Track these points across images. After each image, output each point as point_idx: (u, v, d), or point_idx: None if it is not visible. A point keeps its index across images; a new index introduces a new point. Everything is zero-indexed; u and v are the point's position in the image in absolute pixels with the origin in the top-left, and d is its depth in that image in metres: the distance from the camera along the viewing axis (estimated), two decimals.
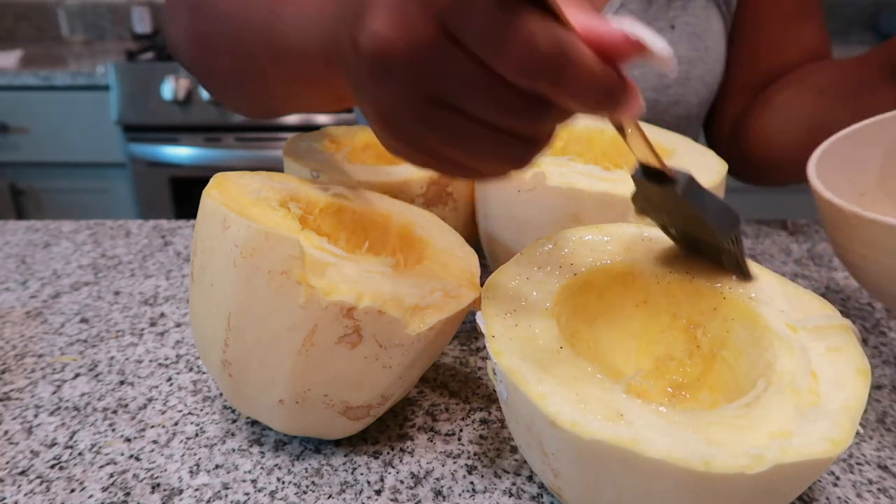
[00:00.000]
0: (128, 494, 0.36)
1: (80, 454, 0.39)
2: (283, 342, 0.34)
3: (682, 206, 0.35)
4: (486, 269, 0.57)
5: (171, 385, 0.45)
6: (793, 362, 0.32)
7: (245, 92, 0.48)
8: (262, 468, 0.38)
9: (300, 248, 0.33)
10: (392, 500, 0.36)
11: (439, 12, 0.26)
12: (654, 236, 0.41)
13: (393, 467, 0.38)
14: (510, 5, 0.25)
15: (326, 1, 0.35)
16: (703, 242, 0.38)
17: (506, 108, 0.27)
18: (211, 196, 0.36)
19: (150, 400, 0.44)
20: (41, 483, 0.37)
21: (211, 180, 0.38)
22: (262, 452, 0.39)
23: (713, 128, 0.80)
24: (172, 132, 1.83)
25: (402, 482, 0.37)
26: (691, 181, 0.34)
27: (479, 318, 0.35)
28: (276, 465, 0.38)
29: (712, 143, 0.81)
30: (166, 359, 0.48)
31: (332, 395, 0.36)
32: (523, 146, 0.29)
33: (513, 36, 0.25)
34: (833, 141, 0.46)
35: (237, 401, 0.38)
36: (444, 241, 0.43)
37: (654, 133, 0.57)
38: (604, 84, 0.27)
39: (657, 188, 0.35)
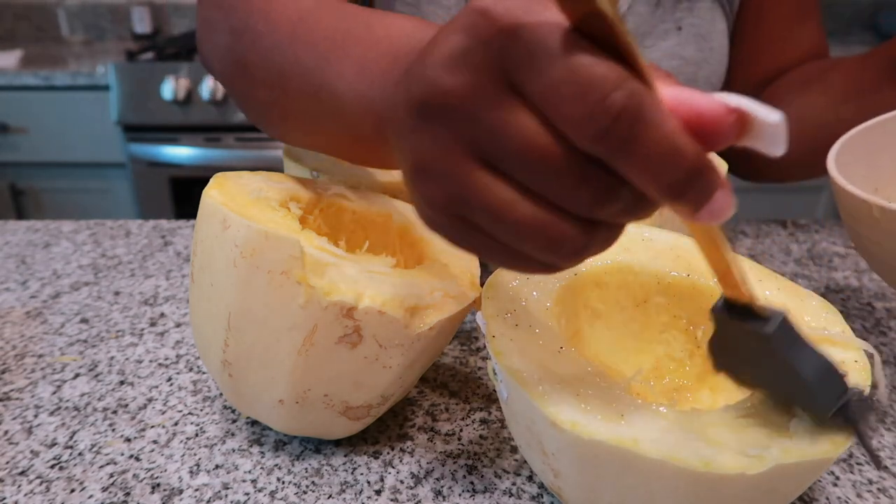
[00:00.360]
0: (128, 494, 0.36)
1: (80, 454, 0.39)
2: (283, 342, 0.34)
3: (772, 357, 0.28)
4: (486, 269, 0.56)
5: (171, 385, 0.45)
6: None
7: (285, 123, 0.44)
8: (262, 468, 0.38)
9: (300, 248, 0.33)
10: (392, 500, 0.36)
11: (504, 62, 0.23)
12: (654, 236, 0.41)
13: (393, 467, 0.38)
14: (587, 52, 0.22)
15: (395, 65, 0.32)
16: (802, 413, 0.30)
17: (563, 177, 0.23)
18: (211, 196, 0.36)
19: (150, 400, 0.44)
20: (41, 483, 0.37)
21: (211, 180, 0.38)
22: (262, 452, 0.39)
23: None
24: (172, 132, 1.83)
25: (402, 482, 0.37)
26: (786, 323, 0.27)
27: (480, 318, 0.35)
28: (276, 465, 0.38)
29: None
30: (166, 359, 0.48)
31: (332, 395, 0.36)
32: (580, 234, 0.25)
33: (584, 82, 0.21)
34: (849, 137, 0.46)
35: (237, 401, 0.38)
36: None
37: None
38: (687, 162, 0.22)
39: (740, 328, 0.28)
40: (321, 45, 0.38)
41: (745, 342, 0.28)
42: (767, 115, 0.23)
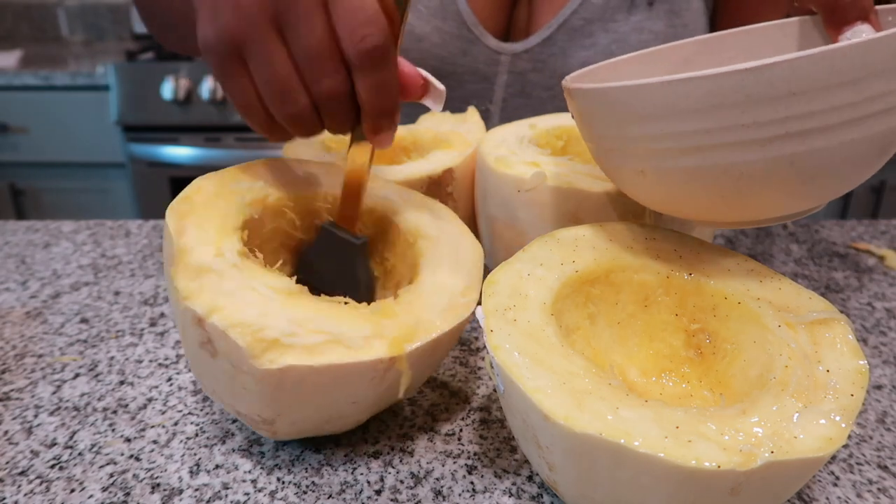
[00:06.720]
0: (128, 494, 0.36)
1: (80, 454, 0.39)
2: (186, 334, 0.35)
3: (346, 263, 0.41)
4: (486, 270, 0.56)
5: (171, 385, 0.45)
6: (791, 361, 0.32)
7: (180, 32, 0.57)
8: (262, 468, 0.38)
9: (175, 247, 0.35)
10: (392, 500, 0.36)
11: None
12: (656, 236, 0.41)
13: (393, 467, 0.38)
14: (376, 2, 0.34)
15: None
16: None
17: (323, 62, 0.34)
18: (170, 210, 0.37)
19: (150, 400, 0.44)
20: (41, 483, 0.37)
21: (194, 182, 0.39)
22: (262, 452, 0.39)
23: None
24: (172, 132, 1.83)
25: (402, 482, 0.37)
26: (365, 245, 0.42)
27: (479, 313, 0.35)
28: (276, 465, 0.38)
29: None
30: (166, 359, 0.48)
31: (222, 397, 0.36)
32: (307, 106, 0.35)
33: (368, 18, 0.33)
34: (593, 68, 0.45)
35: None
36: (445, 270, 0.40)
37: None
38: (393, 97, 0.36)
39: (339, 240, 0.41)
40: None
41: (333, 251, 0.41)
42: (439, 84, 0.40)
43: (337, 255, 0.41)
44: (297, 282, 0.38)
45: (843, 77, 0.30)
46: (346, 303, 0.37)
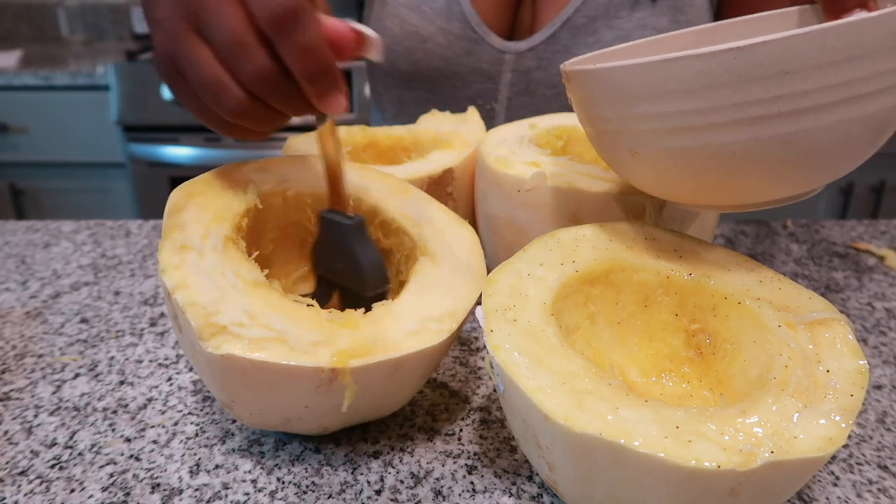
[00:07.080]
0: (128, 494, 0.36)
1: (80, 454, 0.39)
2: (168, 305, 0.37)
3: (346, 246, 0.40)
4: (486, 270, 0.56)
5: (171, 385, 0.45)
6: (791, 361, 0.32)
7: None
8: (262, 468, 0.38)
9: (168, 221, 0.36)
10: (392, 500, 0.36)
11: None
12: (657, 236, 0.41)
13: (393, 467, 0.38)
14: None
15: None
16: (346, 290, 0.42)
17: (243, 49, 0.34)
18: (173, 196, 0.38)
19: (150, 400, 0.44)
20: (41, 483, 0.37)
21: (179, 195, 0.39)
22: (262, 452, 0.39)
23: None
24: (172, 132, 1.83)
25: (402, 482, 0.37)
26: (362, 225, 0.40)
27: (479, 313, 0.35)
28: (276, 465, 0.38)
29: None
30: (166, 359, 0.48)
31: (196, 371, 0.38)
32: (243, 98, 0.35)
33: None
34: (588, 56, 0.45)
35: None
36: (433, 292, 0.39)
37: None
38: (321, 59, 0.34)
39: (334, 224, 0.40)
40: None
41: (334, 238, 0.41)
42: (373, 33, 0.37)
43: (337, 240, 0.41)
44: (317, 279, 0.41)
45: (837, 56, 0.30)
46: (310, 305, 0.36)
